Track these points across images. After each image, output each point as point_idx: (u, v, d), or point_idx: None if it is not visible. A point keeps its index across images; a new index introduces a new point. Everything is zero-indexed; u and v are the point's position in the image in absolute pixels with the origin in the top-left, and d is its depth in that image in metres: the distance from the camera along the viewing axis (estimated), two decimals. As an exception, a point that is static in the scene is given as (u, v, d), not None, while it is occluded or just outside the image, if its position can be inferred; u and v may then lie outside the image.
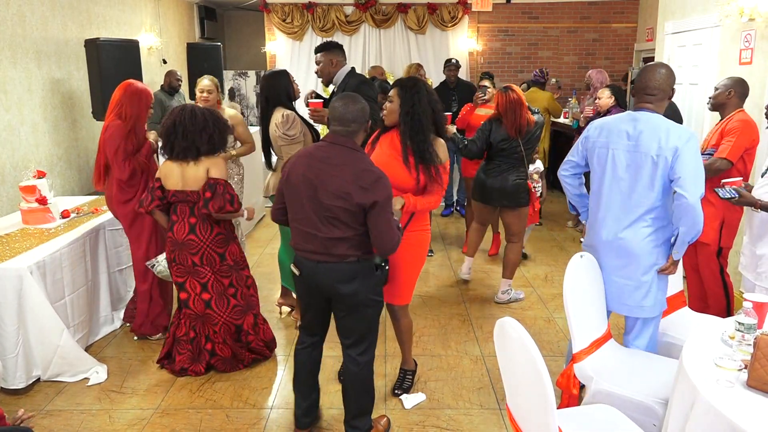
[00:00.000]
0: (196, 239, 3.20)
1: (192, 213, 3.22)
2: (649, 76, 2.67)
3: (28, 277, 3.11)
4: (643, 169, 2.60)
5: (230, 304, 3.32)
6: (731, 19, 4.27)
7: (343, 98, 2.50)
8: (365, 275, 2.51)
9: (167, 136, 3.19)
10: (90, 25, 6.00)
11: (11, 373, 3.13)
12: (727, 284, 3.44)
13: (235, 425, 2.97)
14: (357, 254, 2.47)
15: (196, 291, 3.27)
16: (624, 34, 9.09)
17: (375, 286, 2.57)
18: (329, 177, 2.38)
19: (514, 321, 2.00)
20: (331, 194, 2.37)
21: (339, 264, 2.46)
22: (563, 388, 2.63)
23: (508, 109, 4.15)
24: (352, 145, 2.45)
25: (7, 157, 4.58)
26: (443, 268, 5.24)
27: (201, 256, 3.23)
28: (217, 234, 3.25)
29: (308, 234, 2.47)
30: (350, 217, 2.39)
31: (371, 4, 8.75)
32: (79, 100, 5.70)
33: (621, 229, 2.67)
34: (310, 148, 2.55)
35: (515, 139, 4.18)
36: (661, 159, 2.54)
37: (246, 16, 10.57)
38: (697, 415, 1.82)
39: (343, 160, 2.40)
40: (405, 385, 3.24)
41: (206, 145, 3.20)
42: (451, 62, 6.54)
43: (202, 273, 3.25)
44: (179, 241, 3.21)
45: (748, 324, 2.09)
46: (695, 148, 2.54)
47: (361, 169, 2.39)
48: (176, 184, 3.21)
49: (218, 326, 3.34)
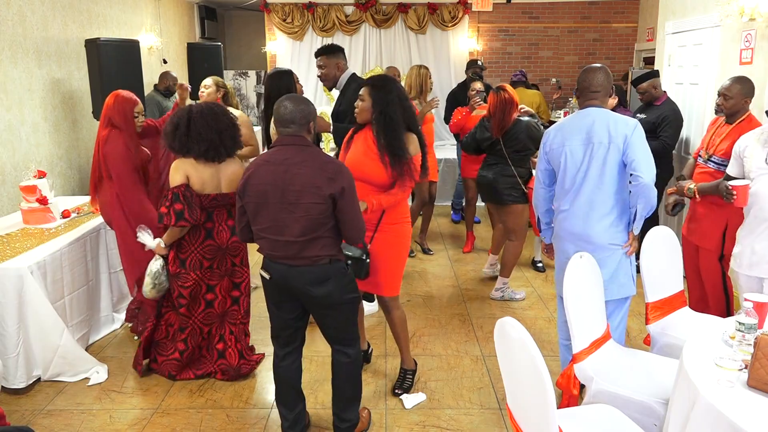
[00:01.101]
0: (238, 240, 3.15)
1: (230, 215, 3.16)
2: (591, 76, 2.87)
3: (28, 276, 3.11)
4: (596, 158, 2.79)
5: (243, 306, 3.37)
6: (732, 18, 4.26)
7: (285, 99, 2.51)
8: (338, 277, 2.52)
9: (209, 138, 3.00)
10: (90, 25, 6.00)
11: (12, 373, 3.14)
12: (728, 287, 3.44)
13: (236, 425, 2.97)
14: (329, 255, 2.49)
15: (225, 291, 3.27)
16: (624, 34, 9.08)
17: (348, 285, 2.58)
18: (294, 176, 2.40)
19: (514, 321, 2.00)
20: (299, 192, 2.39)
21: (311, 267, 2.47)
22: (563, 388, 2.63)
23: (497, 108, 4.26)
24: (304, 142, 2.48)
25: (7, 157, 4.58)
26: (443, 268, 5.24)
27: (241, 256, 3.26)
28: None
29: (278, 242, 2.46)
30: (321, 211, 2.40)
31: (371, 4, 8.75)
32: (80, 100, 5.70)
33: (584, 218, 2.86)
34: (264, 155, 2.54)
35: (497, 138, 4.29)
36: (612, 146, 2.75)
37: (246, 16, 10.57)
38: (697, 415, 1.82)
39: (302, 158, 2.42)
40: (405, 385, 3.24)
41: (237, 141, 3.14)
42: (477, 64, 6.37)
43: (239, 273, 3.29)
44: (223, 247, 3.16)
45: (748, 324, 2.09)
46: (641, 134, 2.77)
47: (323, 162, 2.44)
48: (215, 188, 3.10)
49: (237, 325, 3.35)
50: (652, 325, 3.00)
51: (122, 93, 3.61)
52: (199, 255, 3.15)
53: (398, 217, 3.02)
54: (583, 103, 2.91)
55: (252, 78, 9.80)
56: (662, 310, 3.04)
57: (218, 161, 3.07)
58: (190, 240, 3.14)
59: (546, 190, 3.07)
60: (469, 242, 5.71)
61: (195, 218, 3.04)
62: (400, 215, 3.03)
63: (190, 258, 3.15)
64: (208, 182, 3.08)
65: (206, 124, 3.00)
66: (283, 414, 2.76)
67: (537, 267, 5.21)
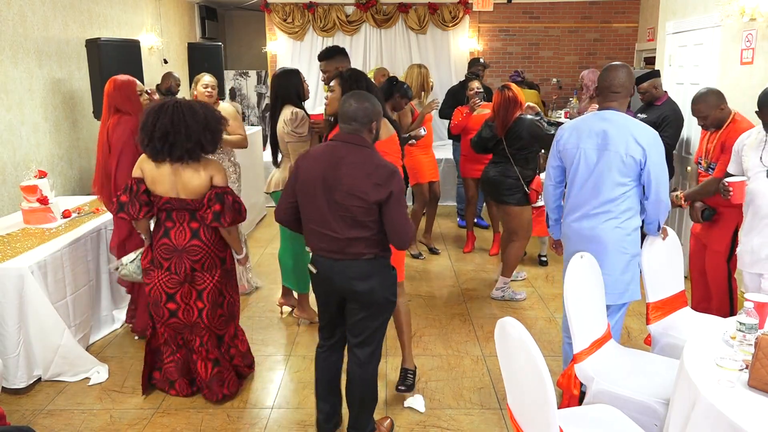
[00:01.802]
0: (200, 244, 2.98)
1: (193, 217, 2.98)
2: (613, 75, 2.78)
3: (29, 276, 3.11)
4: (611, 165, 2.74)
5: (217, 314, 3.11)
6: (732, 18, 4.26)
7: (350, 97, 2.51)
8: (382, 273, 2.52)
9: (164, 136, 2.80)
10: (91, 25, 6.01)
11: (12, 373, 3.14)
12: (733, 288, 3.43)
13: (236, 425, 2.97)
14: (374, 252, 2.48)
15: (189, 300, 3.02)
16: (625, 34, 9.08)
17: (391, 285, 2.57)
18: (344, 176, 2.39)
19: (514, 321, 2.00)
20: (346, 194, 2.38)
21: (355, 261, 2.46)
22: (564, 388, 2.63)
23: (501, 107, 4.29)
24: (361, 142, 2.46)
25: (8, 157, 4.58)
26: (444, 268, 5.24)
27: (203, 261, 3.00)
28: (221, 237, 3.05)
29: (324, 235, 2.47)
30: (367, 214, 2.40)
31: (372, 4, 8.75)
32: (80, 100, 5.70)
33: (593, 222, 2.83)
34: (320, 147, 2.54)
35: (500, 137, 4.33)
36: (628, 158, 2.70)
37: (247, 16, 10.58)
38: (698, 415, 1.82)
39: (355, 159, 2.41)
40: (408, 383, 3.23)
41: (211, 145, 2.91)
42: (479, 62, 6.35)
43: (200, 279, 3.02)
44: (179, 248, 2.96)
45: (749, 324, 2.09)
46: (660, 148, 2.73)
47: (375, 166, 2.40)
48: (170, 191, 2.92)
49: (205, 338, 3.09)
50: (652, 325, 3.00)
51: (119, 78, 3.60)
52: (157, 253, 3.01)
53: None
54: (602, 104, 2.84)
55: (252, 78, 9.81)
56: (663, 310, 3.04)
57: (181, 163, 2.86)
58: (154, 236, 3.06)
59: (555, 187, 3.07)
60: (469, 242, 5.71)
61: (134, 214, 2.94)
62: None
63: (154, 256, 3.05)
64: (159, 182, 2.90)
65: (170, 122, 2.80)
66: (318, 406, 2.79)
67: (541, 260, 5.27)
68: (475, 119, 5.23)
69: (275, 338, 3.89)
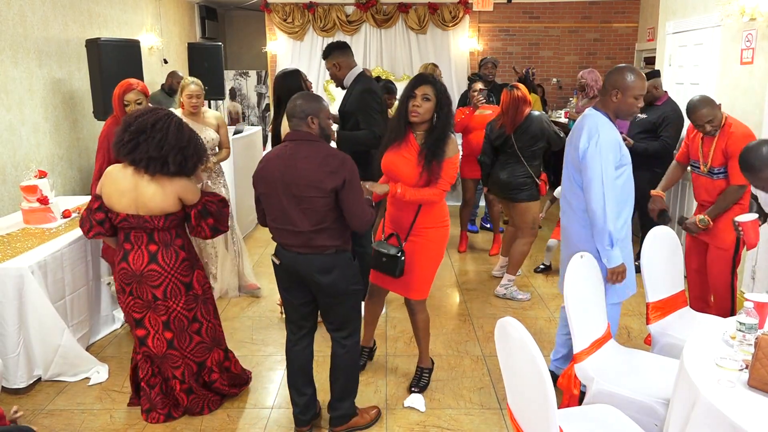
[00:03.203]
0: (158, 269, 2.73)
1: (151, 239, 2.73)
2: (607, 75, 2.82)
3: (29, 276, 3.11)
4: (573, 164, 2.81)
5: (193, 341, 2.91)
6: (732, 18, 4.26)
7: (295, 97, 2.60)
8: (343, 267, 2.60)
9: (138, 132, 2.63)
10: (91, 25, 6.00)
11: (12, 373, 3.14)
12: (734, 287, 3.42)
13: (236, 425, 2.97)
14: (335, 245, 2.57)
15: (157, 329, 2.82)
16: (625, 34, 9.07)
17: (353, 276, 2.66)
18: (299, 170, 2.48)
19: (514, 321, 2.00)
20: (303, 186, 2.47)
21: (318, 255, 2.56)
22: (564, 388, 2.63)
23: (510, 106, 4.37)
24: (307, 136, 2.54)
25: (8, 157, 4.58)
26: (443, 268, 5.24)
27: (165, 288, 2.75)
28: (183, 260, 2.79)
29: (287, 231, 2.57)
30: (325, 204, 2.49)
31: (372, 3, 8.75)
32: (80, 99, 5.70)
33: (565, 219, 2.94)
34: (275, 148, 2.63)
35: (509, 135, 4.39)
36: (577, 154, 2.74)
37: (247, 15, 10.57)
38: (698, 415, 1.82)
39: (307, 152, 2.50)
40: (422, 383, 3.24)
41: (174, 167, 2.66)
42: (488, 60, 6.34)
43: (163, 308, 2.78)
44: (137, 274, 2.72)
45: (749, 324, 2.09)
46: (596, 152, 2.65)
47: (325, 155, 2.50)
48: (128, 207, 2.69)
49: (180, 369, 2.90)
50: (652, 325, 3.00)
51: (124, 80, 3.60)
52: (118, 279, 2.79)
53: (434, 221, 2.98)
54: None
55: (252, 78, 9.81)
56: (663, 310, 3.04)
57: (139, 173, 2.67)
58: (115, 260, 2.83)
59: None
60: (463, 241, 5.72)
61: (84, 231, 2.84)
62: (436, 218, 2.99)
63: (116, 280, 2.84)
64: (117, 196, 2.69)
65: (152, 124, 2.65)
66: (293, 399, 2.82)
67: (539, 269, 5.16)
68: (477, 119, 5.25)
69: (275, 338, 3.89)
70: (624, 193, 2.78)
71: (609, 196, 2.65)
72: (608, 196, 2.65)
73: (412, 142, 2.91)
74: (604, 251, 2.71)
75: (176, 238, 2.80)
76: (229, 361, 3.14)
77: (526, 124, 4.34)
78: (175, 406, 2.98)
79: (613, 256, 2.71)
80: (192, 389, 2.97)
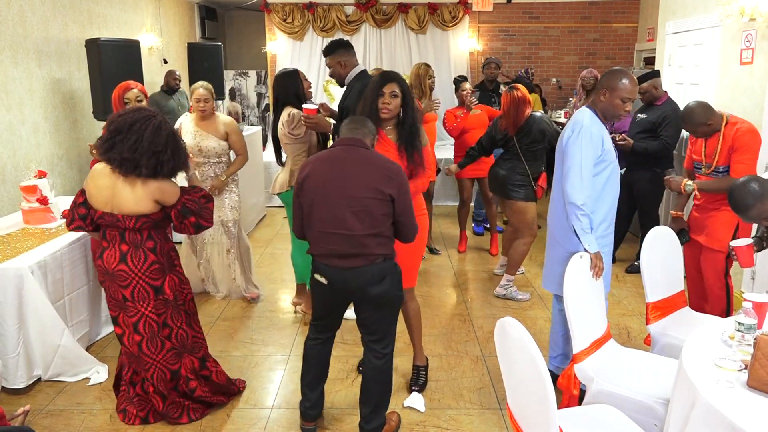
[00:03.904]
0: (126, 270, 2.71)
1: (123, 239, 2.72)
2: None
3: (29, 276, 3.11)
4: (558, 157, 2.89)
5: (165, 347, 2.85)
6: (732, 18, 4.26)
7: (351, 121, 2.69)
8: (392, 273, 2.59)
9: (115, 132, 2.62)
10: (91, 25, 6.01)
11: (12, 373, 3.14)
12: (729, 286, 3.42)
13: (236, 425, 2.97)
14: (384, 253, 2.54)
15: (129, 330, 2.80)
16: (625, 34, 9.08)
17: (399, 282, 2.65)
18: (358, 172, 2.48)
19: (514, 321, 2.00)
20: (363, 187, 2.45)
21: (368, 267, 2.51)
22: (564, 388, 2.63)
23: (511, 106, 4.38)
24: (365, 145, 2.57)
25: (8, 157, 4.58)
26: (443, 268, 5.24)
27: (132, 289, 2.73)
28: (153, 263, 2.74)
29: (337, 235, 2.48)
30: (381, 207, 2.47)
31: (372, 4, 8.75)
32: (80, 100, 5.70)
33: (552, 211, 3.01)
34: (326, 152, 2.61)
35: (511, 135, 4.41)
36: (560, 146, 2.84)
37: (246, 16, 10.58)
38: (697, 415, 1.82)
39: (363, 158, 2.51)
40: (421, 381, 3.25)
41: (147, 170, 2.62)
42: (491, 61, 6.32)
43: (132, 310, 2.76)
44: (109, 271, 2.73)
45: (747, 324, 2.09)
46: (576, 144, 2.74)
47: (384, 161, 2.54)
48: (104, 205, 2.70)
49: (150, 372, 2.85)
50: (652, 325, 3.00)
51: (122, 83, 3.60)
52: (98, 275, 2.83)
53: (415, 210, 3.00)
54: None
55: (252, 78, 9.81)
56: (663, 310, 3.04)
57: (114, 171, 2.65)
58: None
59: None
60: (462, 241, 5.72)
61: (67, 222, 2.86)
62: (417, 208, 3.01)
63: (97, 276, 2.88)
64: (96, 194, 2.72)
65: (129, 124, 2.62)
66: (305, 393, 2.81)
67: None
68: (471, 119, 5.25)
69: (275, 338, 3.89)
70: (604, 191, 2.82)
71: (586, 185, 2.73)
72: (585, 185, 2.72)
73: (385, 138, 3.00)
74: (584, 235, 2.73)
75: (147, 240, 2.75)
76: (208, 371, 3.02)
77: (528, 125, 4.35)
78: (155, 412, 2.93)
79: (593, 241, 2.74)
80: (165, 395, 2.91)
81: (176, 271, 2.88)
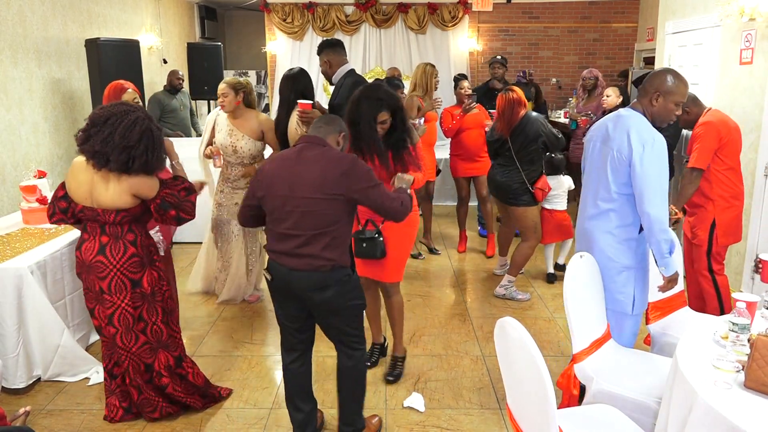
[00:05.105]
0: (105, 261, 2.71)
1: (103, 231, 2.73)
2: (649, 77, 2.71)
3: (28, 276, 3.12)
4: (608, 164, 2.66)
5: (139, 341, 2.84)
6: (732, 18, 4.27)
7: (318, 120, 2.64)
8: (339, 283, 2.45)
9: (91, 124, 2.62)
10: (90, 25, 6.01)
11: (12, 373, 3.14)
12: (718, 282, 3.44)
13: (236, 425, 2.97)
14: (332, 258, 2.42)
15: (105, 321, 2.80)
16: (624, 34, 9.08)
17: (351, 292, 2.51)
18: (307, 171, 2.41)
19: (514, 321, 2.00)
20: (310, 187, 2.39)
21: (312, 273, 2.41)
22: (563, 388, 2.63)
23: (506, 108, 4.35)
24: (321, 142, 2.50)
25: (7, 157, 4.58)
26: (443, 268, 5.24)
27: (110, 282, 2.72)
28: (132, 256, 2.74)
29: (284, 234, 2.44)
30: (329, 208, 2.39)
31: (371, 4, 8.75)
32: (80, 99, 5.70)
33: (586, 219, 2.80)
34: (284, 151, 2.59)
35: (506, 138, 4.38)
36: (620, 155, 2.59)
37: (246, 15, 10.58)
38: (696, 417, 1.82)
39: (315, 157, 2.44)
40: (396, 372, 3.31)
41: (117, 164, 2.60)
42: (496, 60, 6.26)
43: (108, 302, 2.75)
44: (87, 263, 2.74)
45: (741, 324, 2.09)
46: (651, 157, 2.52)
47: (337, 160, 2.44)
48: (84, 199, 2.71)
49: (126, 363, 2.85)
50: (652, 325, 3.01)
51: (114, 82, 3.55)
52: (76, 267, 2.84)
53: None
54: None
55: (252, 78, 9.81)
56: (662, 310, 3.04)
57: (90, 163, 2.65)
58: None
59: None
60: (462, 242, 5.72)
61: (48, 215, 2.86)
62: None
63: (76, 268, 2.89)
64: (73, 188, 2.73)
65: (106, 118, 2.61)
66: (292, 415, 2.72)
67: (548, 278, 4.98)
68: (468, 119, 5.24)
69: (275, 338, 3.88)
70: None
71: (666, 203, 2.56)
72: (666, 204, 2.55)
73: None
74: (662, 259, 2.58)
75: (128, 233, 2.75)
76: (184, 370, 2.98)
77: (522, 125, 4.30)
78: (135, 404, 2.94)
79: (671, 264, 2.61)
80: (140, 388, 2.90)
81: (156, 266, 2.86)
